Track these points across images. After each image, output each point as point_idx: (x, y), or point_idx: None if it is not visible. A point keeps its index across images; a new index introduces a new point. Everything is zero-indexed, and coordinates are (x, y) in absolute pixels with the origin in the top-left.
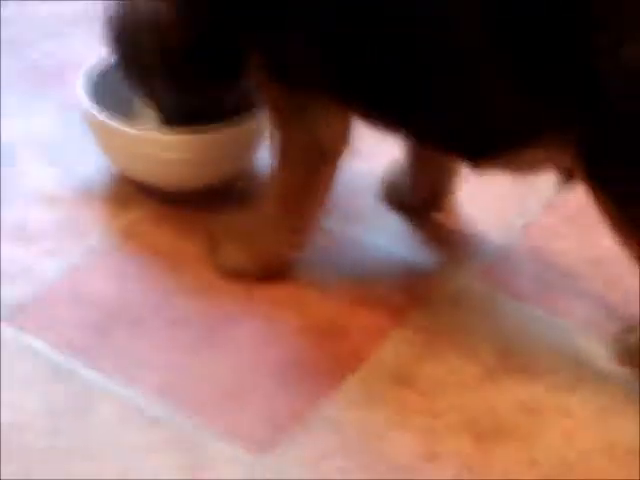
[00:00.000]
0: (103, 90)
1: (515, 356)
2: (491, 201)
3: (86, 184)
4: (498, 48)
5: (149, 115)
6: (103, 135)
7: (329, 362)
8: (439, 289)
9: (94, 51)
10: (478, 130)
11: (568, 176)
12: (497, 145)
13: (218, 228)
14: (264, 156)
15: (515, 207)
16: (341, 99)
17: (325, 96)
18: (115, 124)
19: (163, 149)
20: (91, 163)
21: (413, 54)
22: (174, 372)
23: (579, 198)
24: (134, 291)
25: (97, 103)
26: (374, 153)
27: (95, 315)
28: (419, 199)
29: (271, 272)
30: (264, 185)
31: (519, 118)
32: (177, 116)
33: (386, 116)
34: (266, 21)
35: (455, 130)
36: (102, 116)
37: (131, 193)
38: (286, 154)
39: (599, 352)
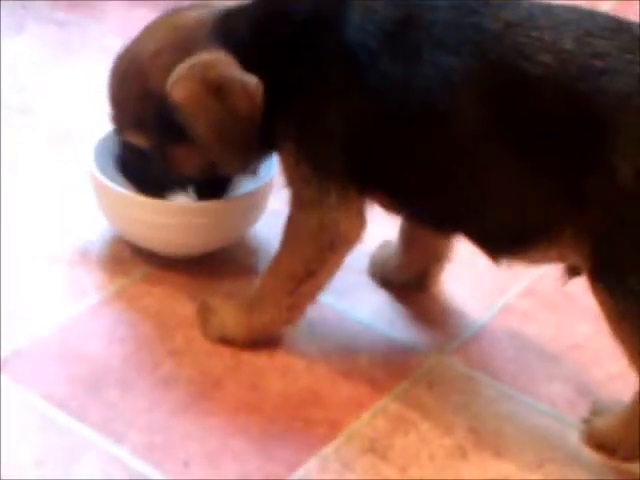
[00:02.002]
0: (110, 154)
1: (487, 433)
2: (473, 282)
3: (85, 244)
4: (518, 154)
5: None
6: (104, 197)
7: (307, 430)
8: (418, 365)
9: (98, 116)
10: (496, 228)
11: (574, 272)
12: (515, 242)
13: (213, 295)
14: (259, 225)
15: (495, 289)
16: (366, 190)
17: (350, 185)
18: (116, 187)
19: (163, 215)
20: (91, 224)
21: (436, 156)
22: (159, 431)
23: (557, 284)
24: (125, 351)
25: (104, 166)
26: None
27: (86, 371)
28: (406, 278)
29: (260, 341)
30: (259, 253)
31: (537, 217)
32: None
33: (410, 209)
34: (304, 116)
35: (474, 227)
36: (104, 179)
37: (128, 255)
38: (298, 235)
39: (569, 433)
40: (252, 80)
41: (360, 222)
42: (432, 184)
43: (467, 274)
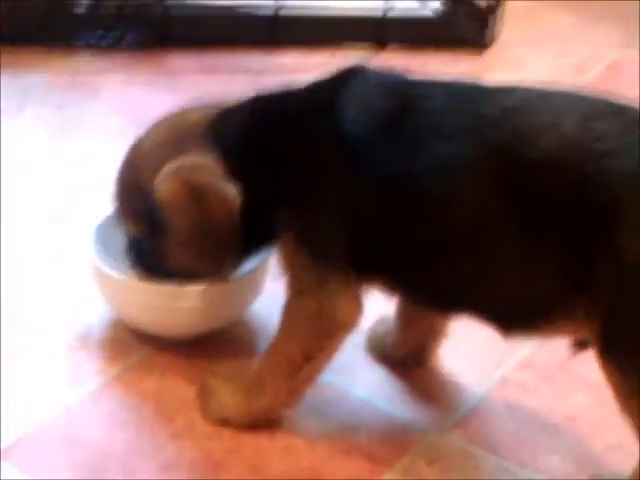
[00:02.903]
0: (111, 239)
1: None
2: (470, 355)
3: (84, 328)
4: (524, 237)
5: None
6: (102, 281)
7: None
8: (417, 441)
9: (97, 197)
10: (507, 307)
11: (582, 346)
12: (528, 318)
13: (212, 377)
14: (258, 304)
15: (492, 362)
16: (366, 276)
17: (349, 272)
18: (113, 271)
19: (164, 299)
20: (91, 307)
21: (440, 241)
22: None
23: (554, 356)
24: (127, 435)
25: (104, 251)
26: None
27: (89, 458)
28: (404, 353)
29: (261, 423)
30: (258, 332)
31: (547, 296)
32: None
33: (414, 293)
34: (303, 207)
35: (483, 307)
36: (101, 263)
37: (127, 338)
38: (296, 321)
39: None
40: (231, 190)
41: (358, 307)
42: (436, 268)
43: (464, 347)
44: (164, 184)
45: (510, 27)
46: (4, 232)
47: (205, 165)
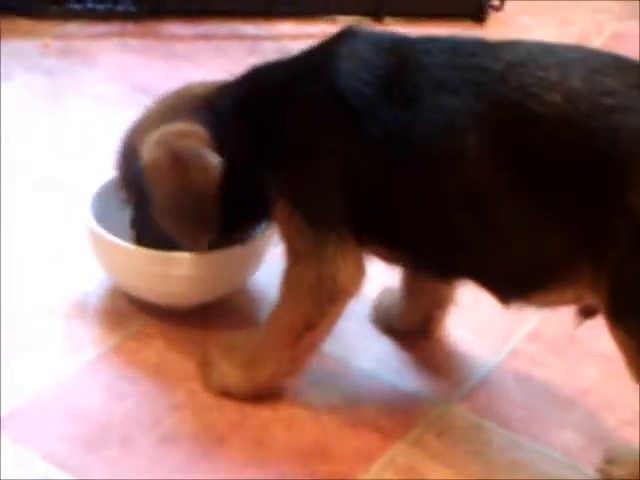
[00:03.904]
0: (107, 207)
1: None
2: (477, 326)
3: (81, 296)
4: (531, 197)
5: None
6: (100, 248)
7: None
8: (425, 414)
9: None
10: (509, 273)
11: (589, 313)
12: (529, 286)
13: (213, 347)
14: (259, 273)
15: (501, 333)
16: (364, 241)
17: (347, 236)
18: (112, 238)
19: (161, 266)
20: (88, 275)
21: (443, 202)
22: None
23: (562, 328)
24: (126, 407)
25: (101, 219)
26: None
27: (86, 430)
28: (410, 324)
29: (263, 394)
30: (259, 302)
31: (553, 260)
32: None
33: (414, 259)
34: (296, 168)
35: (485, 273)
36: (100, 229)
37: (125, 307)
38: (297, 288)
39: None
40: (213, 159)
41: (359, 272)
42: (438, 231)
43: (472, 318)
44: (148, 149)
45: None
46: None
47: (190, 132)
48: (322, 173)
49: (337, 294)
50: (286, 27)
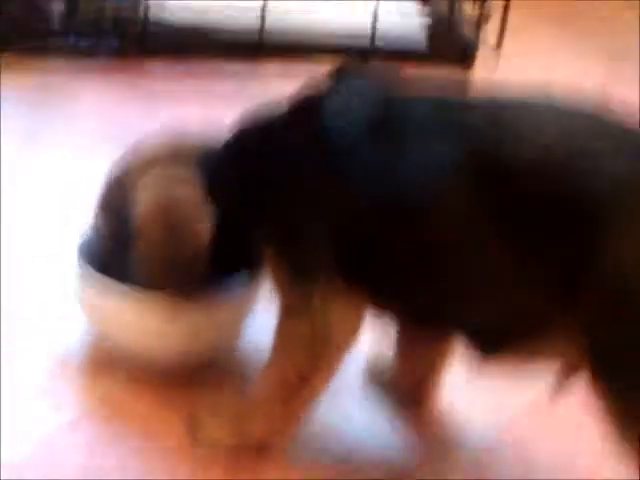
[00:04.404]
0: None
1: None
2: (474, 395)
3: (66, 354)
4: (507, 244)
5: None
6: (86, 295)
7: None
8: None
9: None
10: (487, 323)
11: (569, 373)
12: (506, 337)
13: (201, 404)
14: (246, 331)
15: (498, 403)
16: (355, 289)
17: (336, 285)
18: (104, 286)
19: (149, 317)
20: (70, 327)
21: (422, 248)
22: None
23: (559, 399)
24: (110, 465)
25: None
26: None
27: None
28: (403, 389)
29: (252, 452)
30: (245, 361)
31: (530, 310)
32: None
33: (395, 307)
34: (280, 216)
35: (464, 322)
36: (91, 277)
37: (110, 364)
38: (289, 341)
39: None
40: (206, 208)
41: (354, 324)
42: (418, 277)
43: (467, 386)
44: (141, 195)
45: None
46: None
47: (184, 179)
48: (307, 221)
49: (331, 346)
50: (272, 66)
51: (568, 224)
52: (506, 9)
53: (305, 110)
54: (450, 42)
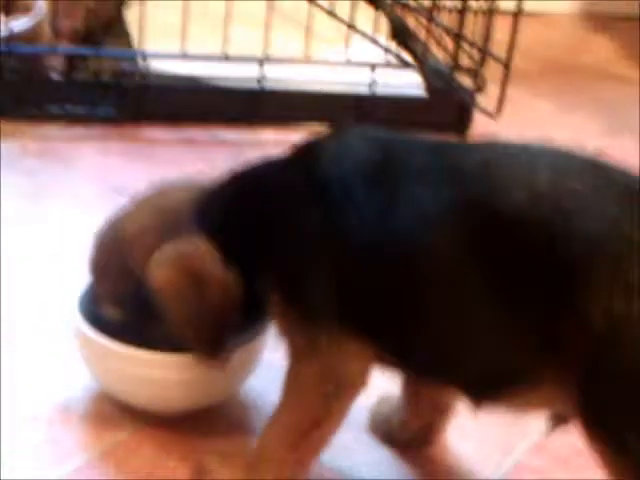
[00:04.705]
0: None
1: None
2: (480, 438)
3: (66, 401)
4: (492, 297)
5: None
6: (88, 350)
7: None
8: None
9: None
10: (475, 373)
11: (560, 420)
12: (495, 387)
13: (208, 455)
14: (252, 380)
15: (504, 446)
16: (356, 335)
17: (342, 328)
18: (103, 341)
19: (152, 368)
20: (73, 379)
21: (411, 296)
22: None
23: (568, 440)
24: None
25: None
26: None
27: None
28: (409, 434)
29: None
30: (252, 410)
31: (514, 361)
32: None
33: (391, 354)
34: (285, 264)
35: (454, 371)
36: (88, 330)
37: (113, 413)
38: (299, 386)
39: None
40: (230, 275)
41: (362, 366)
42: (409, 326)
43: (473, 429)
44: (159, 271)
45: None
46: None
47: (202, 251)
48: (308, 267)
49: (341, 389)
50: (269, 133)
51: (550, 276)
52: (506, 77)
53: (304, 155)
54: (447, 107)
